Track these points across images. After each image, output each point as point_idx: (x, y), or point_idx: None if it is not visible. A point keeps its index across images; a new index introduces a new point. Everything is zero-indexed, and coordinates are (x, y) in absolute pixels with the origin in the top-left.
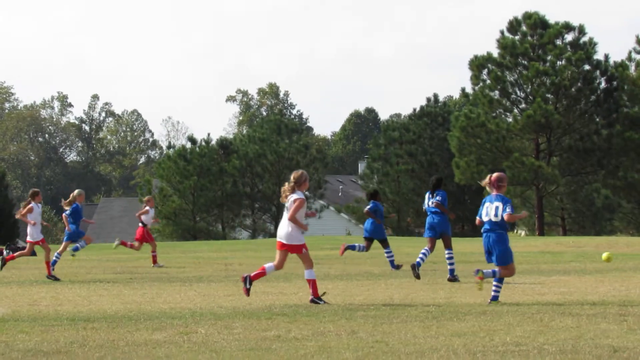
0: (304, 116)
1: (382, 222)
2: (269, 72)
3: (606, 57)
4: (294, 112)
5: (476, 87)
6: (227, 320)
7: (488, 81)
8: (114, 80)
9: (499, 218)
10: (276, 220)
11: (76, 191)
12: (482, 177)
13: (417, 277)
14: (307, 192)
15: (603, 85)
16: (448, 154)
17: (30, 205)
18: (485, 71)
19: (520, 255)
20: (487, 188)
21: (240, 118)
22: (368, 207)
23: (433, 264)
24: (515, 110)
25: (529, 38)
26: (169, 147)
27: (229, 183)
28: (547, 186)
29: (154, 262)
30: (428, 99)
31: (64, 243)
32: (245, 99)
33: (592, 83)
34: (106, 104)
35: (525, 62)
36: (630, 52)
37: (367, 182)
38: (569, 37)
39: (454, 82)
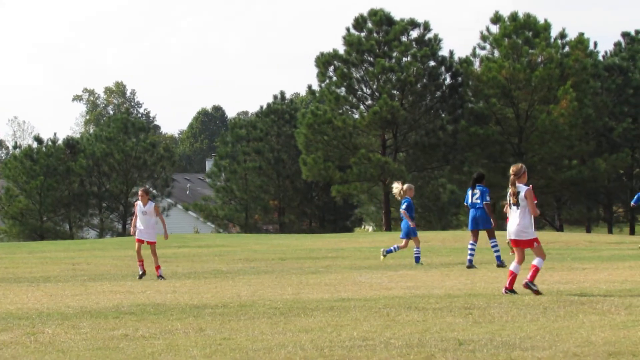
0: (151, 115)
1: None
2: (116, 70)
3: (451, 53)
4: (141, 110)
5: (323, 84)
6: (75, 319)
7: (334, 78)
8: None
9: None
10: (124, 219)
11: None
12: (329, 173)
13: (502, 265)
14: (154, 191)
15: (448, 81)
16: (295, 150)
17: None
18: (331, 68)
19: (368, 251)
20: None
21: (87, 117)
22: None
23: (281, 260)
24: (362, 107)
25: (375, 35)
26: (15, 147)
27: (76, 182)
28: (393, 182)
29: None
30: (275, 96)
31: None
32: (92, 98)
33: (438, 79)
34: None
35: (371, 59)
36: (474, 48)
37: (215, 180)
38: (414, 34)
39: (301, 79)
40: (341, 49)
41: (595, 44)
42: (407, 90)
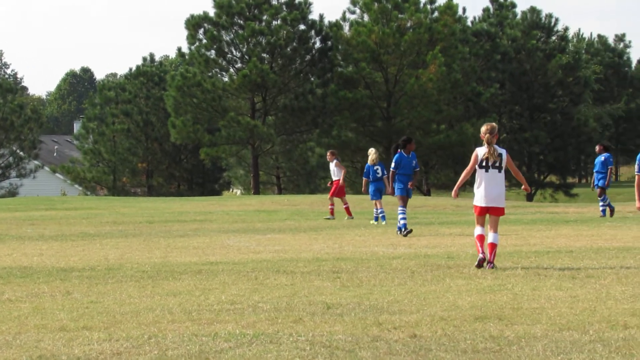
0: (19, 76)
1: None
2: None
3: (321, 17)
4: (9, 71)
5: (192, 47)
6: None
7: (204, 41)
8: None
9: None
10: None
11: None
12: (197, 136)
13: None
14: (21, 153)
15: (318, 45)
16: (164, 113)
17: None
18: (201, 30)
19: (236, 214)
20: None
21: None
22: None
23: (149, 223)
24: (232, 70)
25: None
26: None
27: None
28: (262, 145)
29: None
30: (144, 59)
31: None
32: None
33: (307, 43)
34: None
35: (242, 22)
36: (344, 13)
37: (83, 142)
38: None
39: (171, 42)
40: (211, 12)
41: (464, 10)
42: (277, 54)
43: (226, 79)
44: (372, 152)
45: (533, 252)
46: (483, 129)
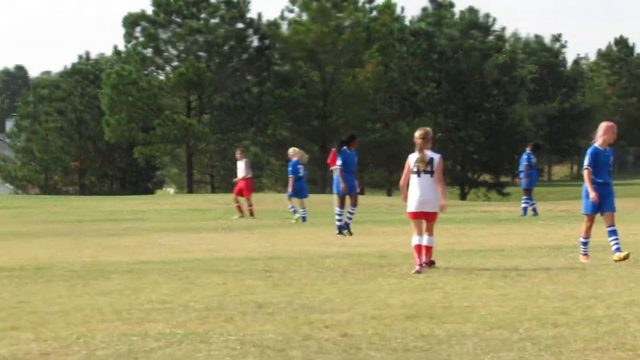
0: None
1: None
2: None
3: (259, 15)
4: None
5: (129, 45)
6: None
7: (141, 39)
8: None
9: None
10: None
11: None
12: (132, 135)
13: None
14: None
15: (255, 43)
16: (99, 111)
17: None
18: (138, 29)
19: (169, 213)
20: None
21: None
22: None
23: (80, 222)
24: (168, 68)
25: None
26: None
27: None
28: (197, 144)
29: None
30: (80, 56)
31: None
32: None
33: (245, 41)
34: None
35: (179, 20)
36: (282, 11)
37: (15, 141)
38: None
39: (107, 40)
40: (149, 10)
41: (403, 9)
42: (214, 52)
43: (162, 77)
44: (298, 150)
45: (465, 250)
46: (416, 133)
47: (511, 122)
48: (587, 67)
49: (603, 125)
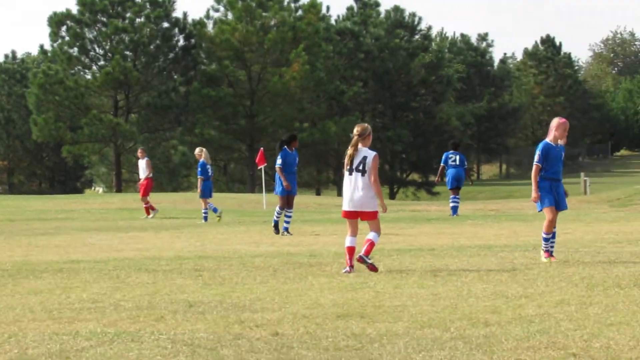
0: None
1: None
2: None
3: (185, 15)
4: None
5: (55, 44)
6: None
7: (67, 38)
8: None
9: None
10: None
11: None
12: (60, 134)
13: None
14: None
15: (181, 42)
16: (26, 110)
17: None
18: (64, 28)
19: (98, 212)
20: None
21: None
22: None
23: (10, 222)
24: (94, 67)
25: None
26: None
27: None
28: (125, 143)
29: None
30: (6, 56)
31: None
32: None
33: (171, 40)
34: None
35: (105, 19)
36: (208, 10)
37: None
38: None
39: (33, 39)
40: (74, 9)
41: (328, 8)
42: (140, 52)
43: (89, 77)
44: (204, 150)
45: (395, 250)
46: (354, 129)
47: (439, 121)
48: (514, 66)
49: (555, 121)
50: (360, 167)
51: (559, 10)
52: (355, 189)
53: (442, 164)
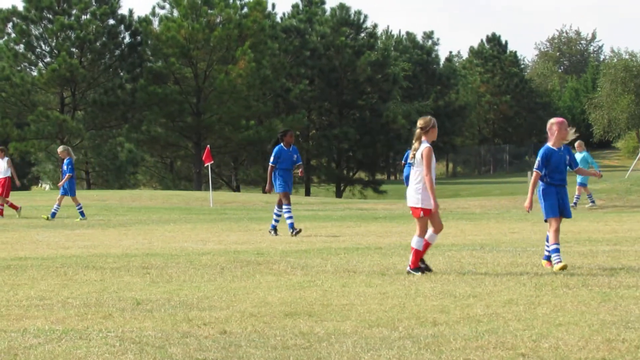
0: None
1: None
2: None
3: (130, 12)
4: None
5: (1, 41)
6: None
7: (13, 35)
8: None
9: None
10: None
11: None
12: (6, 131)
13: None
14: None
15: (127, 39)
16: None
17: None
18: (10, 25)
19: (45, 210)
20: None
21: None
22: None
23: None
24: (41, 64)
25: None
26: None
27: None
28: (71, 140)
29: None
30: None
31: None
32: None
33: (117, 37)
34: None
35: (51, 16)
36: (154, 7)
37: None
38: None
39: None
40: (20, 6)
41: (274, 6)
42: (87, 48)
43: (35, 74)
44: (70, 149)
45: (342, 248)
46: (417, 122)
47: (385, 119)
48: (460, 64)
49: (555, 122)
50: (412, 162)
51: (504, 9)
52: (410, 183)
53: (402, 162)
